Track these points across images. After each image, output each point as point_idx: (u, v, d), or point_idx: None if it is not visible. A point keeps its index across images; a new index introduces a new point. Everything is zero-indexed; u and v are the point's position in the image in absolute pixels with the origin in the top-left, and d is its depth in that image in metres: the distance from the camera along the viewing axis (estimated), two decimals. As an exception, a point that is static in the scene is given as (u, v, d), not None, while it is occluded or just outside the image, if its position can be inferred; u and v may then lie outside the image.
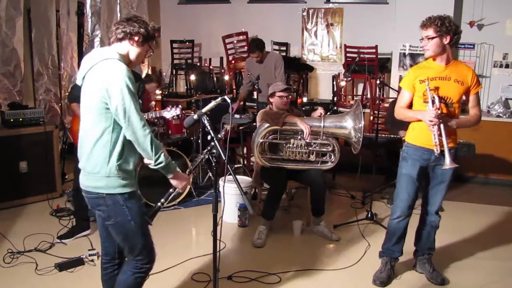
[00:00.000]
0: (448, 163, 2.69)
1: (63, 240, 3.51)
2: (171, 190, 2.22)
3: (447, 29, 2.66)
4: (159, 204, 2.20)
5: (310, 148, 3.65)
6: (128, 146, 2.00)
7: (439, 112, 2.65)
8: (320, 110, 3.74)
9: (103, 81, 1.91)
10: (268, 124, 3.65)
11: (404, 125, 3.46)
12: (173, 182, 2.15)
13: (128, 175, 2.03)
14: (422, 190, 3.00)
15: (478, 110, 2.84)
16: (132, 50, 2.06)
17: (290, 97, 3.87)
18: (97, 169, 1.98)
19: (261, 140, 3.68)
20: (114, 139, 1.96)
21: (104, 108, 1.94)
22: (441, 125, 2.66)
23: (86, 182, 2.04)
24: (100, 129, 1.95)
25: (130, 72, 1.98)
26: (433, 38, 2.69)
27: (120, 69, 1.93)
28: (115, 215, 2.02)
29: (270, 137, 3.69)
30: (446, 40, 2.69)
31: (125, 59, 2.04)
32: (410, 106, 2.91)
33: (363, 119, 3.40)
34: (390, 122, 4.81)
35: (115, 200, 2.00)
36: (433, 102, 2.68)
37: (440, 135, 2.67)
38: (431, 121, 2.64)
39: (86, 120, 2.02)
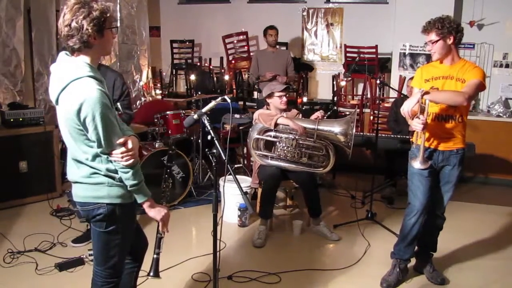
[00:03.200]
0: (419, 161, 2.73)
1: (76, 244, 3.49)
2: (158, 234, 2.10)
3: (448, 29, 2.65)
4: (155, 255, 2.07)
5: (303, 150, 3.66)
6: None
7: (424, 122, 2.64)
8: (318, 113, 3.74)
9: (76, 110, 1.75)
10: (261, 124, 3.68)
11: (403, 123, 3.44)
12: (150, 212, 2.02)
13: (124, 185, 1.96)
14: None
15: (467, 89, 2.61)
16: (95, 50, 1.85)
17: (287, 96, 3.88)
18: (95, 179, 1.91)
19: (256, 137, 3.71)
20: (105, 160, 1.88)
21: (83, 135, 1.83)
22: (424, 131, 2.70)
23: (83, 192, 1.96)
24: (89, 156, 1.87)
25: (103, 86, 1.83)
26: (436, 41, 2.69)
27: (92, 93, 1.74)
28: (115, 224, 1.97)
29: (264, 135, 3.71)
30: (450, 41, 2.69)
31: (95, 62, 1.89)
32: None
33: (354, 127, 3.42)
34: (393, 121, 4.82)
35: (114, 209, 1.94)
36: (422, 112, 2.66)
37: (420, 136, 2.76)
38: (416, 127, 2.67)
39: (71, 143, 1.90)
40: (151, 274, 2.08)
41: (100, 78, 1.86)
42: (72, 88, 1.77)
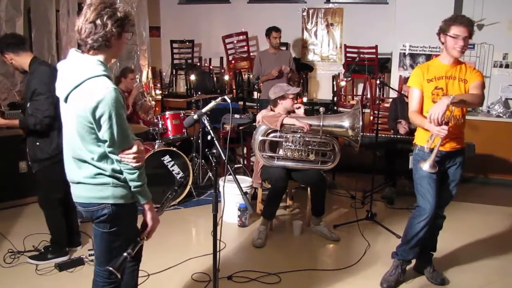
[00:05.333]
0: (429, 164, 2.70)
1: (33, 261, 3.22)
2: (138, 239, 2.01)
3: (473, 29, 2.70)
4: (125, 254, 1.95)
5: (310, 147, 3.66)
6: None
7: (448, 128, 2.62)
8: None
9: (92, 108, 1.75)
10: (264, 126, 3.69)
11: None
12: (149, 214, 2.02)
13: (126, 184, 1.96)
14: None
15: (479, 91, 2.69)
16: (111, 51, 1.87)
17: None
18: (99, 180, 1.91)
19: (261, 138, 3.70)
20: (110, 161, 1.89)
21: (93, 134, 1.83)
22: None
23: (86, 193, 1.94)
24: (95, 156, 1.86)
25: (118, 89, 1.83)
26: (469, 38, 2.72)
27: (110, 93, 1.75)
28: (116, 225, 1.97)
29: (270, 135, 3.71)
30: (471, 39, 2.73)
31: (108, 61, 1.90)
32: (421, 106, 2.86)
33: (361, 119, 3.41)
34: (392, 120, 4.82)
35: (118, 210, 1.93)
36: (447, 123, 2.62)
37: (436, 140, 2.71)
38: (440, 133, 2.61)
39: (76, 140, 1.89)
40: (113, 266, 1.94)
41: (112, 78, 1.88)
42: (88, 86, 1.77)
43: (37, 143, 3.06)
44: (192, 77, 6.59)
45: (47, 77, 2.94)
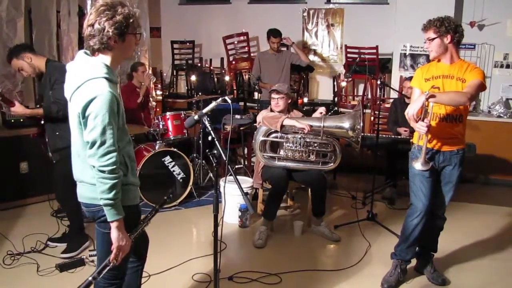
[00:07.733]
0: (420, 162, 2.73)
1: (53, 244, 3.43)
2: (106, 261, 1.89)
3: (446, 28, 2.69)
4: (90, 278, 1.87)
5: (310, 148, 3.66)
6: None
7: (428, 125, 2.63)
8: (321, 109, 3.74)
9: (83, 106, 1.75)
10: (265, 127, 3.68)
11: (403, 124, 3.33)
12: (114, 233, 1.85)
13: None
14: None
15: (469, 89, 2.62)
16: (115, 53, 1.86)
17: (284, 99, 3.78)
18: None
19: (262, 139, 3.70)
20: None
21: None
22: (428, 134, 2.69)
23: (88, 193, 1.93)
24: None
25: (115, 88, 1.82)
26: (433, 39, 2.73)
27: (103, 94, 1.74)
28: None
29: (271, 136, 3.70)
30: (447, 40, 2.72)
31: (114, 64, 1.88)
32: None
33: (361, 120, 3.41)
34: (392, 123, 4.82)
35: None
36: (426, 114, 2.66)
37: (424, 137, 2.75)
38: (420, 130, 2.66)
39: (78, 141, 1.89)
40: None
41: (116, 80, 1.87)
42: (86, 87, 1.78)
43: (57, 133, 3.17)
44: (193, 78, 6.58)
45: (64, 69, 3.07)
